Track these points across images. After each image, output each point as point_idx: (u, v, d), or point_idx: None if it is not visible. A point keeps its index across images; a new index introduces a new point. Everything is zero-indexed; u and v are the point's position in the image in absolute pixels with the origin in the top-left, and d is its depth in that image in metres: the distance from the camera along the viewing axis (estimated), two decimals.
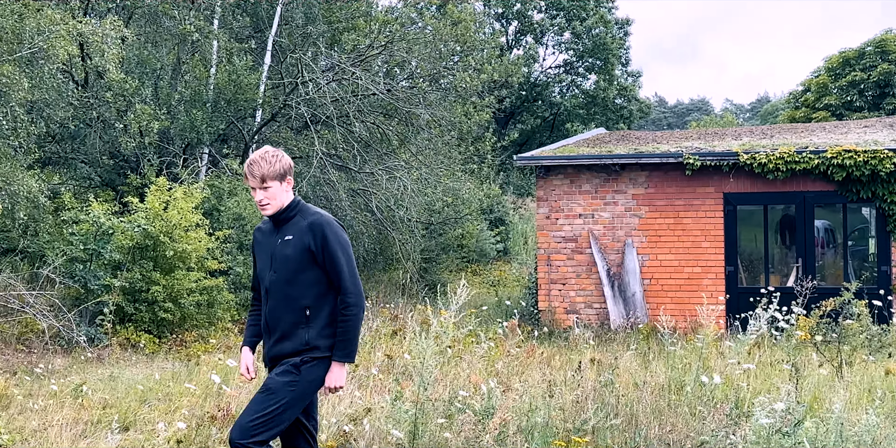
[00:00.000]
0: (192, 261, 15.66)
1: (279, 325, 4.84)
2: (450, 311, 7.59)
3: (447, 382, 8.00)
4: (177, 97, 21.11)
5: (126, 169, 20.74)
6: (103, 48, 16.91)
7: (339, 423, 7.36)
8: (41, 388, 10.56)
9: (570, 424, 6.68)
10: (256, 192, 4.86)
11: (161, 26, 21.59)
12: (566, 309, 17.31)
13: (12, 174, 15.82)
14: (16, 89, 15.60)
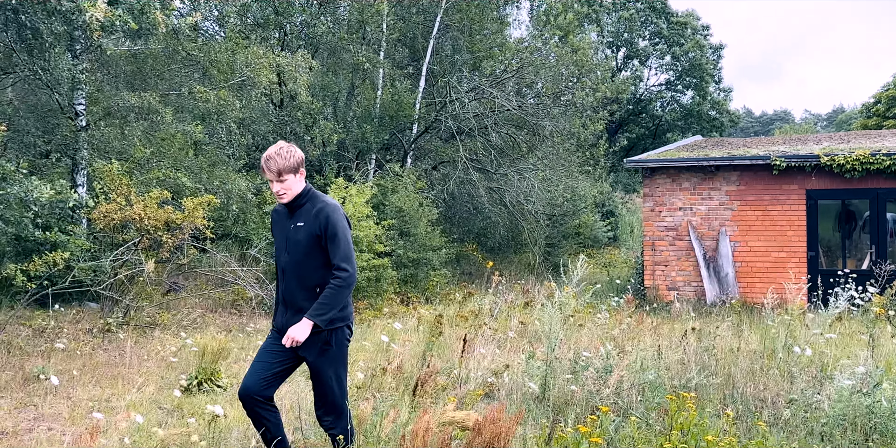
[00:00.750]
0: (364, 244, 15.83)
1: (295, 301, 4.61)
2: (570, 286, 7.44)
3: (571, 345, 7.85)
4: (351, 115, 21.42)
5: (312, 171, 21.12)
6: (296, 76, 17.27)
7: (484, 376, 7.29)
8: (250, 343, 10.82)
9: (676, 382, 6.49)
10: (274, 184, 4.56)
11: (339, 58, 21.88)
12: (668, 286, 17.03)
13: (227, 176, 16.32)
14: (230, 110, 16.07)
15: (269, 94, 19.77)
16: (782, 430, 5.93)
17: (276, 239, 4.77)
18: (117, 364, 9.64)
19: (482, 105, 21.58)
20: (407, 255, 17.67)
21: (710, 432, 4.92)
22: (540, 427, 5.40)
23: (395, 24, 22.11)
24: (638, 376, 6.54)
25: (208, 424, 5.78)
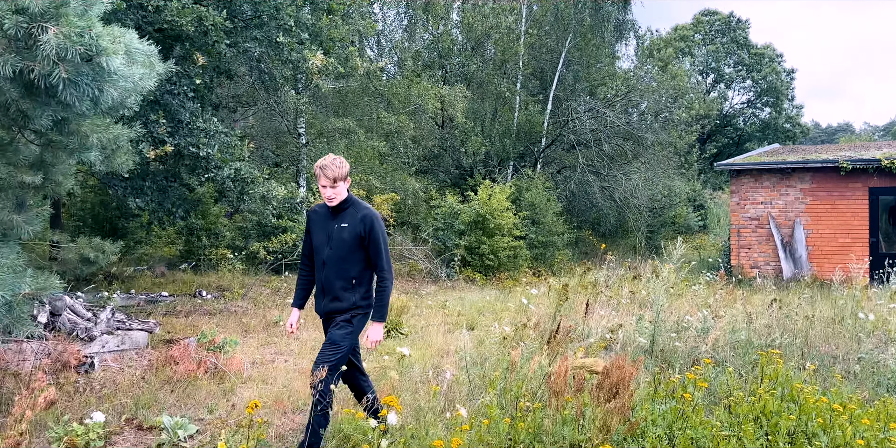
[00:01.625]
0: (505, 230, 15.87)
1: (333, 289, 4.20)
2: (671, 263, 7.23)
3: (672, 311, 7.62)
4: (494, 132, 21.43)
5: (465, 175, 21.34)
6: (454, 103, 17.48)
7: (602, 332, 7.19)
8: (422, 303, 11.05)
9: (763, 342, 6.21)
10: (327, 189, 4.11)
11: (485, 89, 21.94)
12: (750, 265, 16.25)
13: (404, 178, 16.71)
14: (406, 130, 16.43)
15: (434, 117, 20.09)
16: (853, 382, 5.60)
17: (315, 236, 4.30)
18: None
19: (597, 122, 21.15)
20: (537, 238, 17.59)
21: (795, 381, 4.71)
22: (651, 373, 5.30)
23: (528, 61, 21.96)
24: (731, 336, 6.31)
25: (398, 361, 5.96)
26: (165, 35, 9.13)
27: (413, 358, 6.60)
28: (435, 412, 4.66)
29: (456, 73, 21.86)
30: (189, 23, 8.40)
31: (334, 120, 16.08)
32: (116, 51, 3.98)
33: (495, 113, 22.42)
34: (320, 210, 4.34)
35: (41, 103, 4.30)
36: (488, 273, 15.59)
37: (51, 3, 3.73)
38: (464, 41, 22.25)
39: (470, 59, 21.37)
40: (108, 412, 4.92)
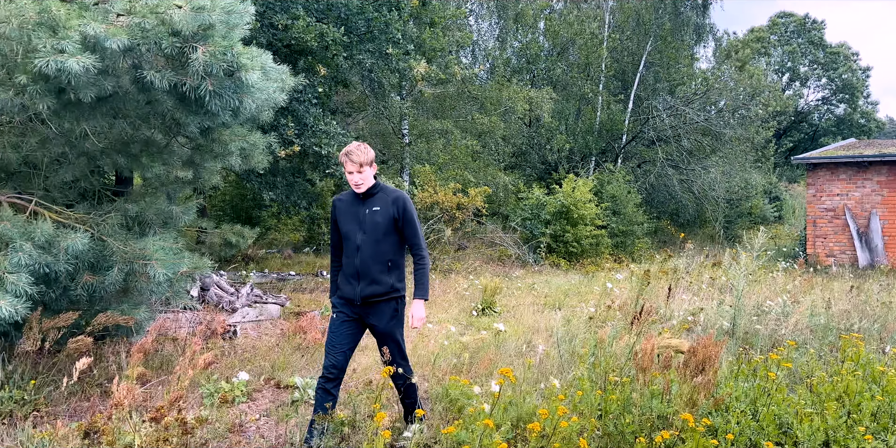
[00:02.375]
0: (587, 220, 15.57)
1: (370, 273, 3.74)
2: (751, 251, 6.90)
3: (752, 296, 7.29)
4: (577, 130, 21.02)
5: (550, 170, 21.06)
6: (541, 105, 17.25)
7: (684, 315, 6.96)
8: (512, 285, 11.04)
9: (841, 326, 5.85)
10: (354, 174, 3.71)
11: (569, 91, 21.54)
12: (826, 254, 15.22)
13: (495, 173, 16.66)
14: (497, 129, 16.36)
15: (522, 117, 19.92)
16: None
17: (344, 222, 3.84)
18: (430, 294, 10.18)
19: (676, 119, 20.37)
20: (618, 227, 17.16)
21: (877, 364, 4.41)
22: (733, 354, 5.11)
23: (610, 64, 21.38)
24: (810, 320, 5.98)
25: (494, 336, 5.99)
26: (292, 50, 9.46)
27: (507, 333, 6.62)
28: (529, 383, 4.67)
29: (542, 76, 21.55)
30: (312, 39, 8.66)
31: (434, 121, 16.22)
32: (254, 67, 4.16)
33: (579, 112, 21.98)
34: (345, 198, 3.91)
35: (192, 112, 4.54)
36: (572, 259, 15.37)
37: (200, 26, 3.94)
38: (550, 47, 21.90)
39: (555, 63, 21.02)
40: (251, 373, 5.20)
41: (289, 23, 8.61)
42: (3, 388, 4.10)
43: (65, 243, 4.06)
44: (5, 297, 3.62)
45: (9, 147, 4.72)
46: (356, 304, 3.79)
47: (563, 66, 21.05)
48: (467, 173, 15.99)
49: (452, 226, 13.61)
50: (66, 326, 4.29)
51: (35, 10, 3.61)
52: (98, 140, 4.76)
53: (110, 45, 3.57)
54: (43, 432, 3.61)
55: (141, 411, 3.96)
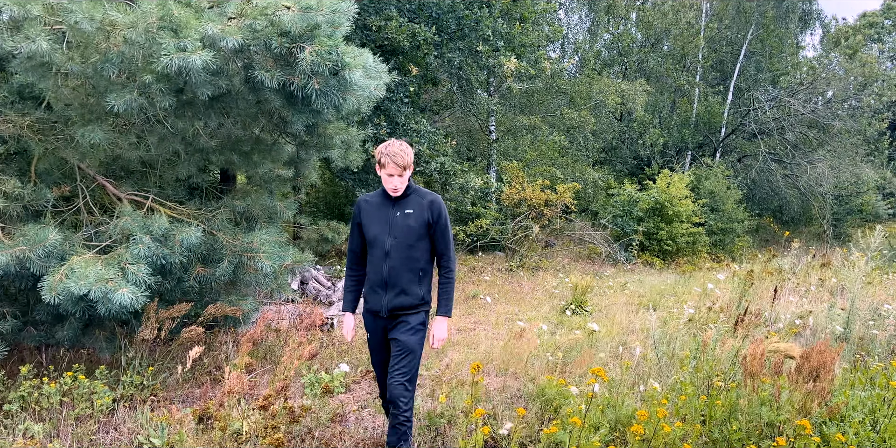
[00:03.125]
0: (683, 217, 15.05)
1: (399, 282, 3.37)
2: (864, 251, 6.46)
3: (867, 299, 6.82)
4: (672, 123, 20.35)
5: (642, 165, 20.48)
6: (634, 98, 16.78)
7: (791, 318, 6.61)
8: (603, 283, 10.82)
9: None
10: (394, 178, 3.35)
11: (663, 83, 20.88)
12: None
13: (584, 169, 16.38)
14: (587, 124, 16.06)
15: (613, 111, 19.47)
16: None
17: (371, 226, 3.45)
18: (518, 292, 10.13)
19: (779, 111, 19.33)
20: (717, 225, 16.47)
21: None
22: (848, 361, 4.80)
23: (708, 54, 20.55)
24: None
25: (587, 336, 5.90)
26: (384, 50, 9.65)
27: (602, 333, 6.49)
28: (627, 385, 4.57)
29: (634, 68, 20.97)
30: (405, 39, 8.80)
31: (521, 117, 16.11)
32: (357, 65, 4.27)
33: (673, 105, 21.25)
34: (372, 199, 3.53)
35: (298, 111, 4.72)
36: (666, 258, 14.89)
37: (307, 26, 4.07)
38: (643, 39, 21.26)
39: (648, 55, 20.40)
40: (349, 364, 5.36)
41: (382, 24, 8.79)
42: (125, 374, 4.42)
43: (179, 237, 4.32)
44: (127, 286, 3.89)
45: (129, 146, 5.07)
46: (381, 316, 3.43)
47: (656, 58, 20.40)
48: (555, 169, 15.79)
49: (540, 223, 13.48)
50: (179, 316, 4.56)
51: (157, 15, 3.85)
52: (209, 139, 5.03)
53: (225, 44, 3.76)
54: (160, 416, 3.86)
55: (248, 399, 4.17)
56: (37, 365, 4.74)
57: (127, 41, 3.96)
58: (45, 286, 3.85)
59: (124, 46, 4.02)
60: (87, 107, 4.65)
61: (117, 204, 4.67)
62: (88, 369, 4.57)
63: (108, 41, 4.06)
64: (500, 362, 5.53)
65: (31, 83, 4.98)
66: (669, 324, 7.00)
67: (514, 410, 4.41)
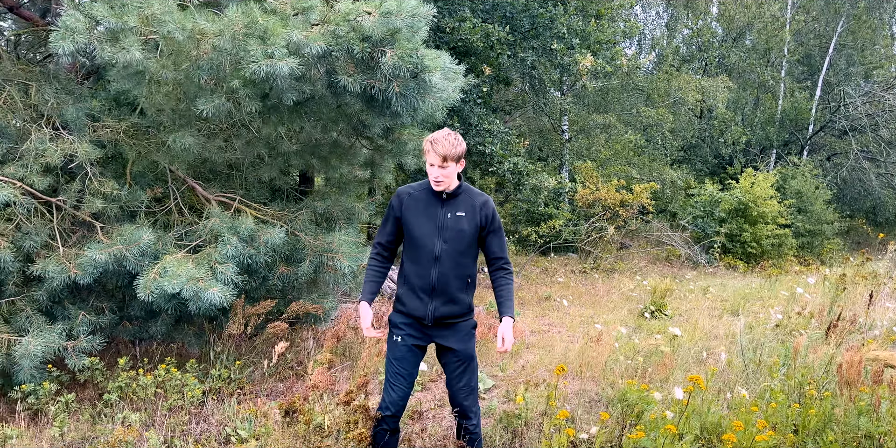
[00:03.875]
0: (768, 218, 14.45)
1: (448, 289, 3.12)
2: None
3: None
4: (756, 120, 19.56)
5: (724, 165, 19.79)
6: (715, 94, 16.23)
7: (889, 325, 6.23)
8: (683, 287, 10.51)
9: None
10: (434, 168, 3.05)
11: (746, 78, 20.12)
12: None
13: (662, 168, 15.98)
14: (665, 122, 15.67)
15: (692, 109, 18.90)
16: None
17: (417, 224, 3.14)
18: (593, 294, 9.98)
19: (872, 106, 18.26)
20: (804, 227, 15.72)
21: None
22: None
23: (794, 48, 19.65)
24: None
25: (669, 340, 5.75)
26: (457, 52, 9.70)
27: (684, 339, 6.31)
28: (712, 392, 4.42)
29: (715, 64, 20.27)
30: (478, 40, 8.83)
31: (595, 116, 15.86)
32: (436, 68, 4.32)
33: (757, 101, 20.42)
34: (417, 193, 3.20)
35: (377, 114, 4.81)
36: (750, 261, 14.32)
37: (388, 30, 4.15)
38: (724, 33, 20.53)
39: (730, 50, 19.68)
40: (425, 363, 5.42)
41: (456, 25, 8.85)
42: (214, 367, 4.63)
43: (264, 237, 4.49)
44: (216, 285, 4.07)
45: (216, 150, 5.31)
46: (426, 324, 3.17)
47: (739, 53, 19.66)
48: (631, 169, 15.47)
49: (615, 224, 13.23)
50: (264, 313, 4.73)
51: (244, 23, 4.02)
52: (291, 142, 5.20)
53: (310, 50, 3.89)
54: (247, 409, 4.02)
55: (329, 394, 4.28)
56: (132, 357, 5.02)
57: (215, 48, 4.15)
58: (140, 284, 4.07)
59: (213, 53, 4.20)
60: (178, 112, 4.89)
61: (206, 205, 4.89)
62: (179, 363, 4.80)
63: (198, 49, 4.26)
64: (576, 365, 5.46)
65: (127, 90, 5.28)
66: (756, 329, 6.74)
67: (592, 414, 4.34)
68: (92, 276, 4.19)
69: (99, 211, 4.65)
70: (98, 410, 4.18)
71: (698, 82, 16.20)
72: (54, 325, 4.34)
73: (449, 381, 3.27)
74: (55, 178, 4.76)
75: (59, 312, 4.61)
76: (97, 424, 3.99)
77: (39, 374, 4.18)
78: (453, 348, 3.20)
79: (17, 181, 4.47)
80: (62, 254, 4.38)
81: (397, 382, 3.17)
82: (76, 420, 4.05)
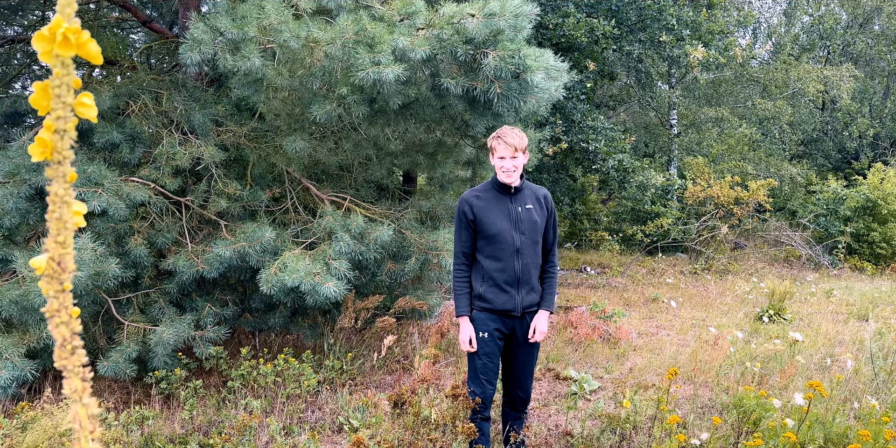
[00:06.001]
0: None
1: (531, 279, 3.24)
2: None
3: None
4: (886, 111, 18.02)
5: (849, 159, 18.39)
6: (839, 84, 15.12)
7: None
8: (804, 289, 9.89)
9: None
10: (506, 160, 3.14)
11: (874, 66, 18.59)
12: None
13: (780, 164, 15.07)
14: (783, 114, 14.80)
15: (814, 100, 17.69)
16: None
17: (492, 222, 3.22)
18: (704, 296, 9.57)
19: None
20: None
21: None
22: None
23: None
24: None
25: (790, 346, 5.44)
26: (560, 47, 9.60)
27: (805, 344, 5.94)
28: (837, 401, 4.14)
29: (839, 52, 18.87)
30: (582, 35, 8.69)
31: (706, 109, 15.19)
32: (538, 68, 4.31)
33: (887, 91, 18.82)
34: (483, 194, 3.31)
35: (479, 114, 4.86)
36: (880, 262, 13.23)
37: (491, 32, 4.19)
38: (849, 19, 19.06)
39: (856, 36, 18.25)
40: None
41: (559, 21, 8.75)
42: (328, 358, 4.84)
43: (374, 235, 4.64)
44: (331, 280, 4.25)
45: (328, 152, 5.55)
46: (514, 315, 3.27)
47: (866, 40, 18.20)
48: (746, 164, 14.68)
49: (729, 222, 12.61)
50: (373, 308, 4.90)
51: (353, 31, 4.18)
52: (397, 143, 5.35)
53: (415, 55, 3.99)
54: (359, 399, 4.18)
55: (434, 388, 4.37)
56: (252, 348, 5.34)
57: (328, 56, 4.34)
58: (262, 279, 4.33)
59: (325, 61, 4.40)
60: (293, 117, 5.16)
61: (320, 204, 5.12)
62: (295, 353, 5.06)
63: (312, 56, 4.47)
64: (687, 369, 5.27)
65: (247, 97, 5.64)
66: (886, 336, 6.23)
67: (705, 420, 4.19)
68: (217, 270, 4.50)
69: (223, 210, 4.98)
70: (223, 396, 4.49)
71: (820, 72, 15.14)
72: (184, 316, 4.70)
73: (515, 368, 3.39)
74: (184, 179, 5.15)
75: (187, 304, 4.99)
76: (222, 409, 4.28)
77: (171, 361, 4.54)
78: (526, 338, 3.33)
79: (151, 183, 4.87)
80: (190, 250, 4.73)
81: (489, 376, 3.31)
82: (203, 405, 4.36)
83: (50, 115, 0.59)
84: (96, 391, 4.87)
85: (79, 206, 0.59)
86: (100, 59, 0.62)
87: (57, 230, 0.56)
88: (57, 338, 0.54)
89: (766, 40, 19.35)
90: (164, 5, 7.98)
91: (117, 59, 6.43)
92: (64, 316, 0.54)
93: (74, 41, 0.59)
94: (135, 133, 5.12)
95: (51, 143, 0.58)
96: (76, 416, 0.52)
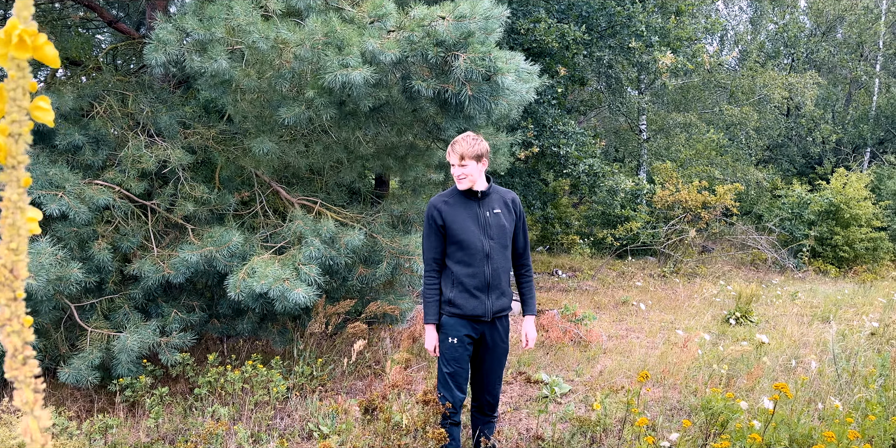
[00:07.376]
0: (862, 220, 13.65)
1: (500, 283, 3.23)
2: None
3: None
4: (848, 117, 18.53)
5: (813, 164, 18.84)
6: (803, 91, 15.49)
7: None
8: (770, 292, 10.08)
9: None
10: (455, 168, 3.18)
11: (836, 74, 19.08)
12: None
13: (746, 169, 15.37)
14: (749, 120, 15.10)
15: (779, 106, 18.09)
16: None
17: (461, 228, 3.20)
18: (673, 299, 9.70)
19: None
20: None
21: None
22: None
23: (890, 41, 18.48)
24: None
25: (756, 348, 5.53)
26: (531, 53, 9.67)
27: (771, 346, 6.05)
28: (802, 402, 4.23)
29: (803, 60, 19.35)
30: (553, 40, 8.77)
31: (675, 115, 15.45)
32: (509, 70, 4.33)
33: (849, 98, 19.36)
34: (450, 200, 3.28)
35: (451, 117, 4.87)
36: (842, 265, 13.57)
37: (461, 34, 4.20)
38: (812, 27, 19.58)
39: (819, 44, 18.74)
40: None
41: (530, 26, 8.82)
42: (297, 364, 4.79)
43: (345, 239, 4.61)
44: (301, 285, 4.21)
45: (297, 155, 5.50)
46: (484, 320, 3.25)
47: (828, 48, 18.71)
48: (713, 169, 14.96)
49: (697, 226, 12.82)
50: (343, 313, 4.87)
51: (323, 32, 4.15)
52: (368, 146, 5.33)
53: (385, 58, 3.98)
54: (329, 405, 4.14)
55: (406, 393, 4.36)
56: (220, 354, 5.26)
57: (297, 58, 4.30)
58: (230, 284, 4.27)
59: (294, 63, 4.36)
60: (262, 119, 5.10)
61: (290, 208, 5.07)
62: (264, 359, 5.00)
63: (280, 58, 4.43)
64: (656, 372, 5.33)
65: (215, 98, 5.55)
66: (849, 337, 6.38)
67: (674, 423, 4.24)
68: (184, 275, 4.42)
69: (190, 214, 4.90)
70: (189, 404, 4.41)
71: (785, 79, 15.51)
72: (149, 321, 4.61)
73: (484, 373, 3.38)
74: (150, 182, 5.06)
75: (153, 310, 4.90)
76: (189, 417, 4.20)
77: (136, 368, 4.45)
78: (496, 343, 3.32)
79: (116, 186, 4.77)
80: (156, 254, 4.65)
81: (459, 381, 3.30)
82: (170, 412, 4.28)
83: (4, 118, 0.57)
84: (58, 399, 4.75)
85: (33, 212, 0.57)
86: (57, 63, 0.61)
87: (10, 236, 0.54)
88: (8, 348, 0.52)
89: (732, 47, 19.75)
90: (131, 5, 7.85)
91: (82, 59, 6.30)
92: (16, 325, 0.52)
93: (31, 43, 0.58)
94: (99, 135, 5.01)
95: (4, 147, 0.57)
96: (27, 430, 0.50)
